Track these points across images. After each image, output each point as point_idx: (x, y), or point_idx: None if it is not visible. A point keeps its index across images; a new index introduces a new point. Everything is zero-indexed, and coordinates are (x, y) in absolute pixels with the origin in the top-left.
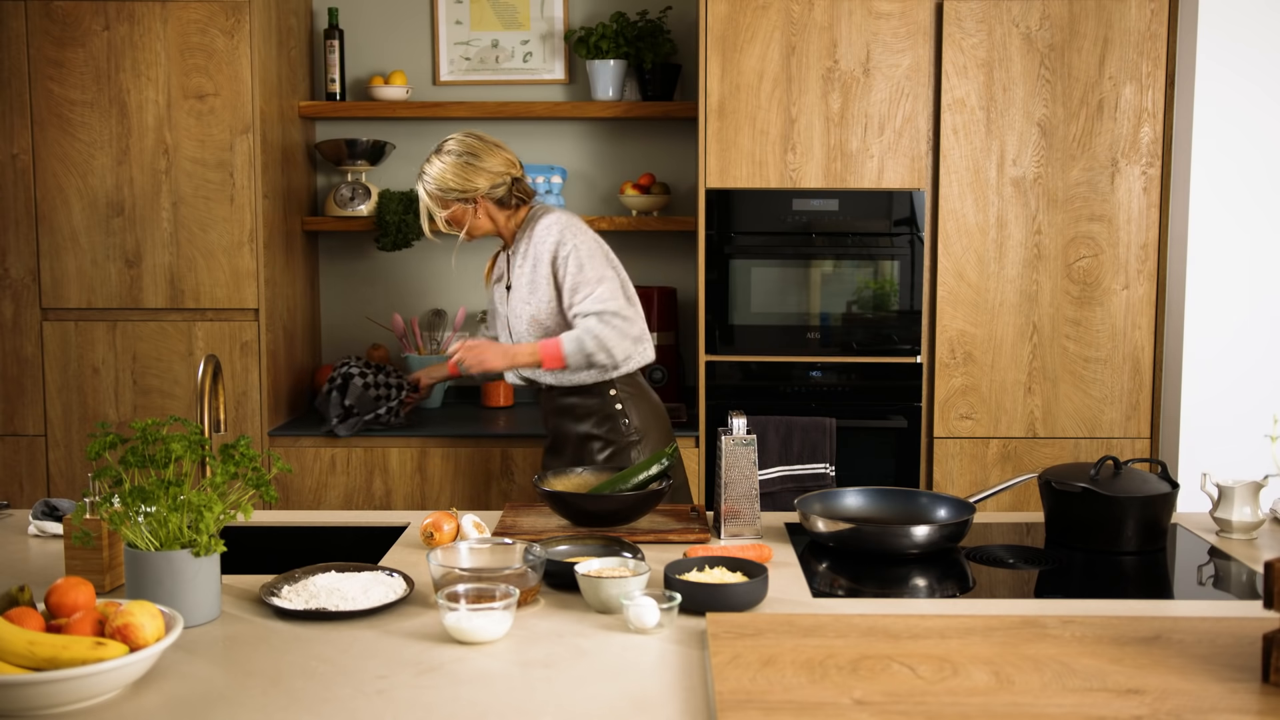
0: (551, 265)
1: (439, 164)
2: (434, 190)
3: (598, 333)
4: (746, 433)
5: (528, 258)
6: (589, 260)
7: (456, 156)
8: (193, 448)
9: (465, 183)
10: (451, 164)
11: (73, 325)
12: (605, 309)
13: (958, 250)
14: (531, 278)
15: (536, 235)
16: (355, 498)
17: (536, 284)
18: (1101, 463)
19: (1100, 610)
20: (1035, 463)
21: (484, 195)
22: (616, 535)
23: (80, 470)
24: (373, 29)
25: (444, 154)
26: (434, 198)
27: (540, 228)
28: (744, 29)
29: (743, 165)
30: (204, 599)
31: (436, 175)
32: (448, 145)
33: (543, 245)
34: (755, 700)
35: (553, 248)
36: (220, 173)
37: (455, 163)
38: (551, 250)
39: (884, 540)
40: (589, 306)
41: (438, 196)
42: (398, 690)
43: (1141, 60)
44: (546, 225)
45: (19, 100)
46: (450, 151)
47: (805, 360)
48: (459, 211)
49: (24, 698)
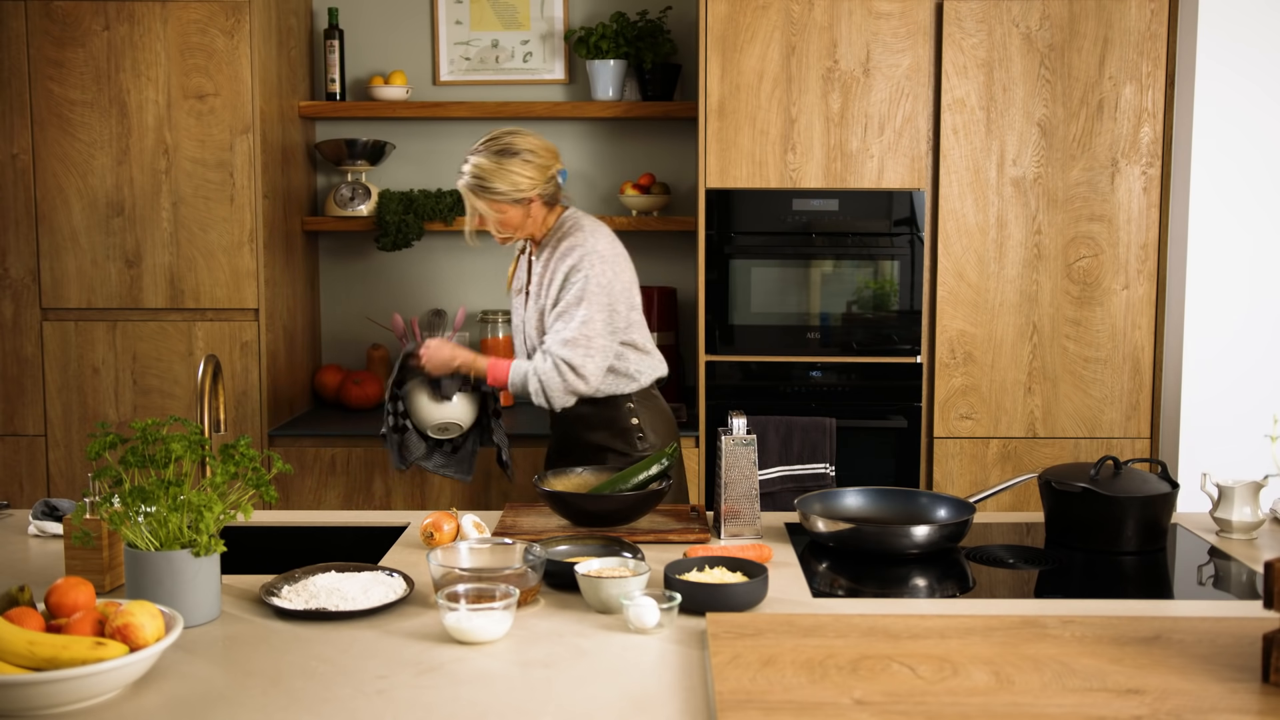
0: (559, 282)
1: (491, 163)
2: (487, 193)
3: (544, 377)
4: (746, 433)
5: (548, 268)
6: (589, 296)
7: (511, 155)
8: (193, 448)
9: (522, 181)
10: (506, 163)
11: (73, 325)
12: (566, 356)
13: (958, 250)
14: (546, 289)
15: (560, 250)
16: (355, 498)
17: (543, 298)
18: (1101, 463)
19: (1100, 610)
20: (1035, 463)
21: (537, 194)
22: (616, 535)
23: (80, 470)
24: (373, 29)
25: (495, 153)
26: (487, 200)
27: (565, 246)
28: (744, 29)
29: (743, 165)
30: (204, 599)
31: (490, 175)
32: (498, 145)
33: (561, 263)
34: (755, 700)
35: (567, 270)
36: (220, 173)
37: (511, 161)
38: (565, 271)
39: (884, 540)
40: (554, 344)
41: (492, 199)
42: (398, 690)
43: (1141, 60)
44: (570, 246)
45: (19, 100)
46: (506, 151)
47: (805, 360)
48: (514, 214)
49: (24, 698)
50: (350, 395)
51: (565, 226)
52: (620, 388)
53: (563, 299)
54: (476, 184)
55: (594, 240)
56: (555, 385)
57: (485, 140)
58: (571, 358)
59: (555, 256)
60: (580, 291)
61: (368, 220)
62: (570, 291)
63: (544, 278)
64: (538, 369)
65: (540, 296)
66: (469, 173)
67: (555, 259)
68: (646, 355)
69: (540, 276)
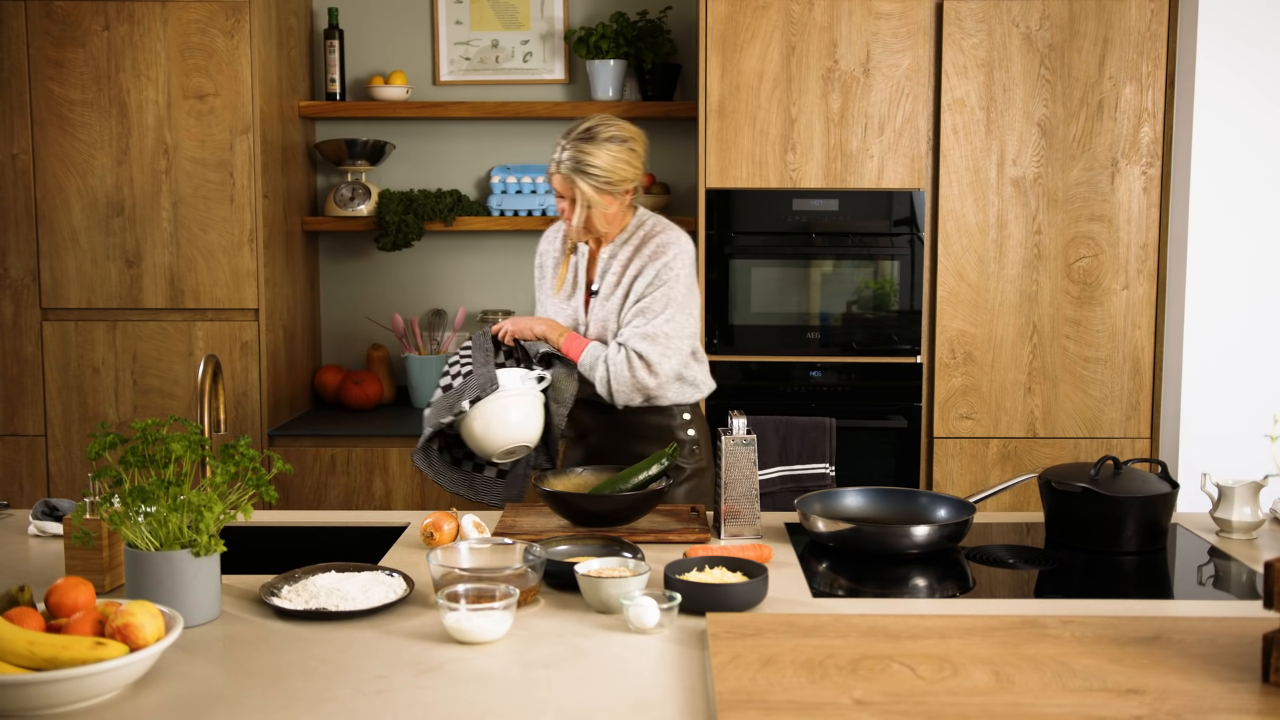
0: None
1: (607, 152)
2: (602, 182)
3: (614, 368)
4: (746, 433)
5: (628, 267)
6: (680, 298)
7: (621, 143)
8: (193, 448)
9: (630, 172)
10: (618, 151)
11: (73, 325)
12: (642, 350)
13: (958, 250)
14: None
15: (650, 248)
16: (355, 498)
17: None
18: (1101, 463)
19: (1100, 610)
20: (1035, 463)
21: (635, 187)
22: (616, 535)
23: (80, 470)
24: (373, 29)
25: (609, 140)
26: (603, 194)
27: (657, 244)
28: (744, 29)
29: (743, 165)
30: (204, 599)
31: (608, 165)
32: (609, 131)
33: (652, 262)
34: (755, 700)
35: (659, 268)
36: (220, 173)
37: (623, 149)
38: (658, 269)
39: (884, 540)
40: (631, 337)
41: (605, 188)
42: (397, 690)
43: (1141, 60)
44: (662, 244)
45: (19, 100)
46: (617, 139)
47: (805, 360)
48: (615, 209)
49: (24, 698)
50: (350, 395)
51: (649, 224)
52: (685, 396)
53: (649, 295)
54: (598, 177)
55: (685, 242)
56: (624, 378)
57: (588, 127)
58: (648, 352)
59: (641, 254)
60: (670, 291)
61: (368, 220)
62: (659, 289)
63: (622, 276)
64: (609, 358)
65: (613, 296)
66: (589, 165)
67: (641, 257)
68: (703, 366)
69: (618, 275)
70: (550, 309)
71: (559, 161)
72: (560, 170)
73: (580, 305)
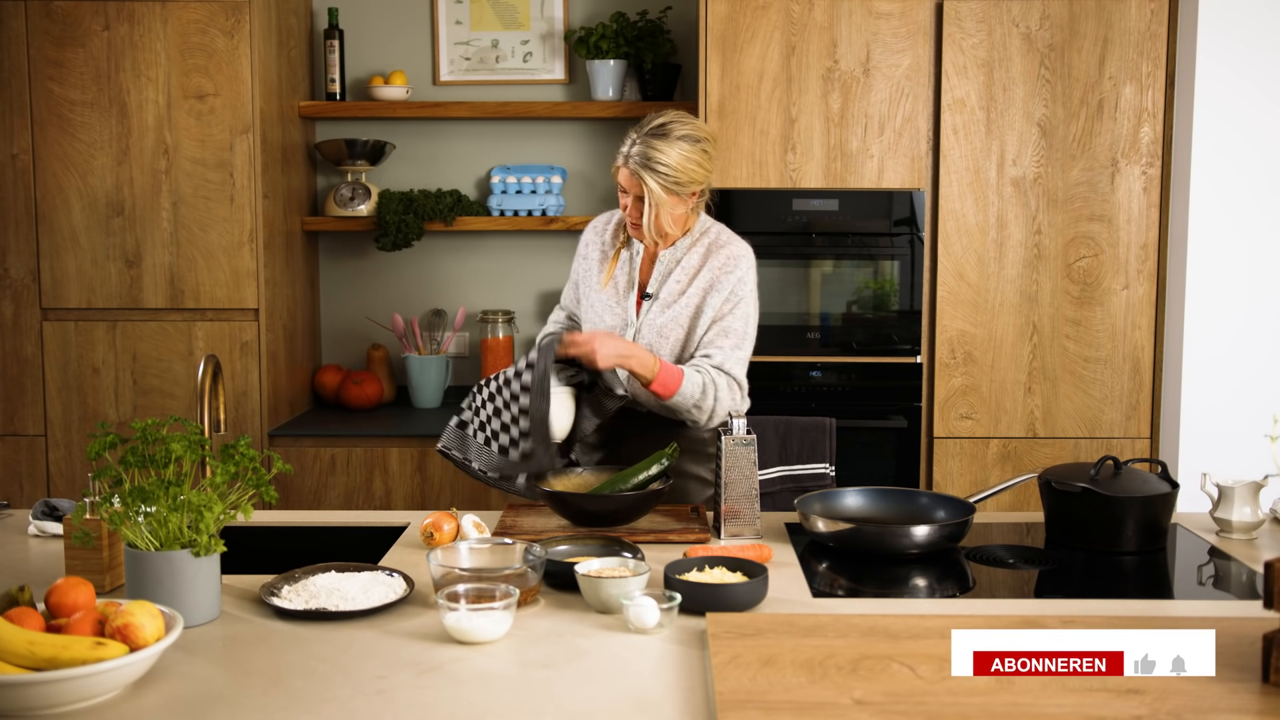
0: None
1: (679, 151)
2: (670, 181)
3: (720, 394)
4: (746, 433)
5: (698, 275)
6: (751, 316)
7: (694, 143)
8: (193, 448)
9: (703, 174)
10: (691, 151)
11: (73, 325)
12: (736, 374)
13: (958, 250)
14: (690, 294)
15: (721, 259)
16: (355, 498)
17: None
18: (1101, 463)
19: (1100, 610)
20: (1035, 463)
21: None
22: (616, 535)
23: (80, 470)
24: (373, 29)
25: (682, 139)
26: (668, 189)
27: (728, 256)
28: (744, 29)
29: (743, 165)
30: (204, 599)
31: (679, 165)
32: (684, 130)
33: (726, 275)
34: (755, 700)
35: (734, 282)
36: (220, 173)
37: (695, 150)
38: (733, 284)
39: (884, 540)
40: (729, 363)
41: (673, 188)
42: (397, 690)
43: (1141, 60)
44: (734, 256)
45: (19, 100)
46: (690, 138)
47: (805, 360)
48: (682, 210)
49: (24, 698)
50: (350, 395)
51: (714, 232)
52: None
53: (729, 314)
54: (666, 175)
55: (751, 254)
56: (727, 404)
57: (662, 123)
58: (739, 375)
59: (711, 265)
60: (747, 309)
61: (368, 220)
62: (738, 307)
63: (689, 286)
64: (719, 387)
65: (677, 303)
66: (658, 162)
67: (711, 268)
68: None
69: (683, 284)
70: (596, 305)
71: (627, 155)
72: (629, 164)
73: (631, 307)
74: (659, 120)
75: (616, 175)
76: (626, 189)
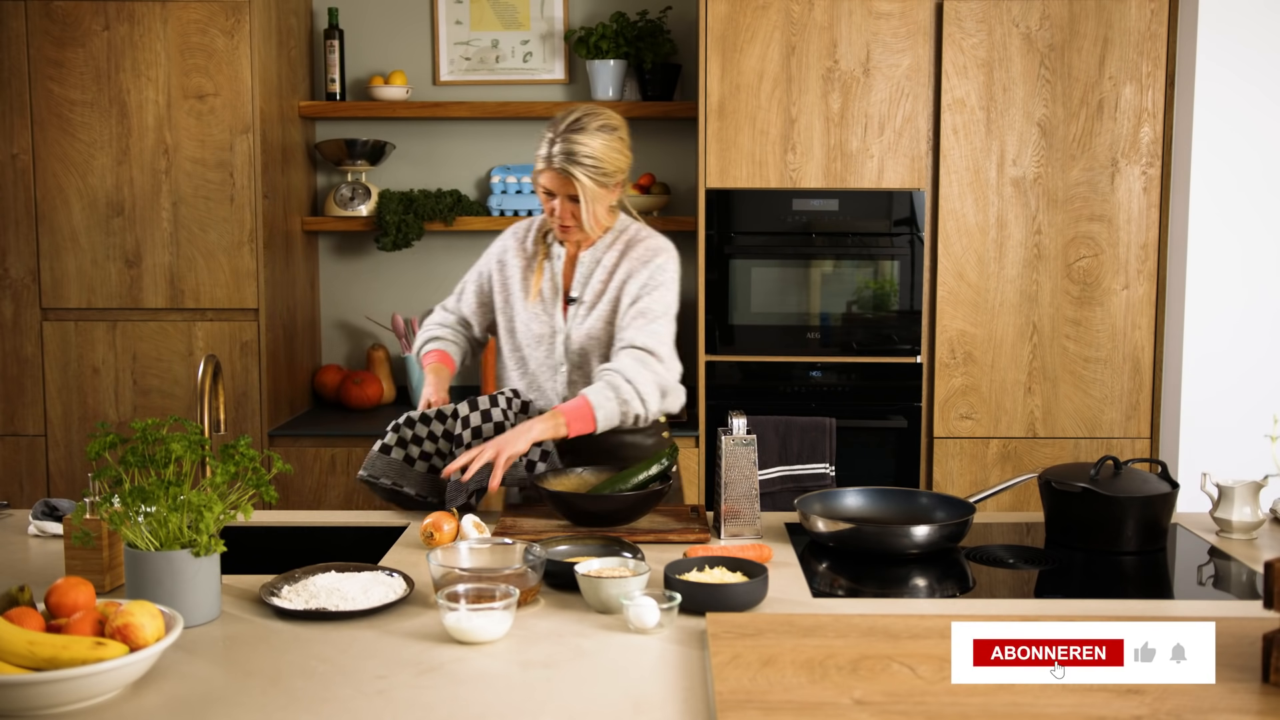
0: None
1: (600, 141)
2: (598, 173)
3: (637, 381)
4: (746, 433)
5: (616, 271)
6: (671, 303)
7: (611, 131)
8: (193, 448)
9: (625, 161)
10: (610, 139)
11: (73, 325)
12: (649, 346)
13: (958, 250)
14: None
15: (637, 253)
16: (355, 498)
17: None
18: (1101, 463)
19: (1100, 610)
20: (1035, 463)
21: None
22: (616, 535)
23: (80, 470)
24: (373, 29)
25: (600, 130)
26: (596, 181)
27: (647, 249)
28: (744, 29)
29: (743, 165)
30: (204, 599)
31: (603, 155)
32: (599, 121)
33: (643, 264)
34: (755, 700)
35: (652, 270)
36: (220, 173)
37: (613, 138)
38: (650, 272)
39: (884, 540)
40: (639, 338)
41: (601, 179)
42: (398, 690)
43: (1141, 60)
44: (654, 249)
45: (19, 100)
46: (607, 127)
47: (805, 360)
48: (605, 203)
49: (24, 698)
50: (350, 395)
51: (633, 229)
52: (669, 406)
53: (645, 297)
54: (593, 167)
55: (674, 249)
56: (645, 380)
57: (576, 118)
58: (652, 345)
59: (630, 259)
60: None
61: (368, 220)
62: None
63: (609, 283)
64: (621, 371)
65: (599, 304)
66: (584, 155)
67: (630, 261)
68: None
69: (604, 282)
70: (523, 316)
71: (549, 156)
72: (553, 164)
73: (559, 314)
74: (572, 116)
75: (539, 180)
76: (554, 191)
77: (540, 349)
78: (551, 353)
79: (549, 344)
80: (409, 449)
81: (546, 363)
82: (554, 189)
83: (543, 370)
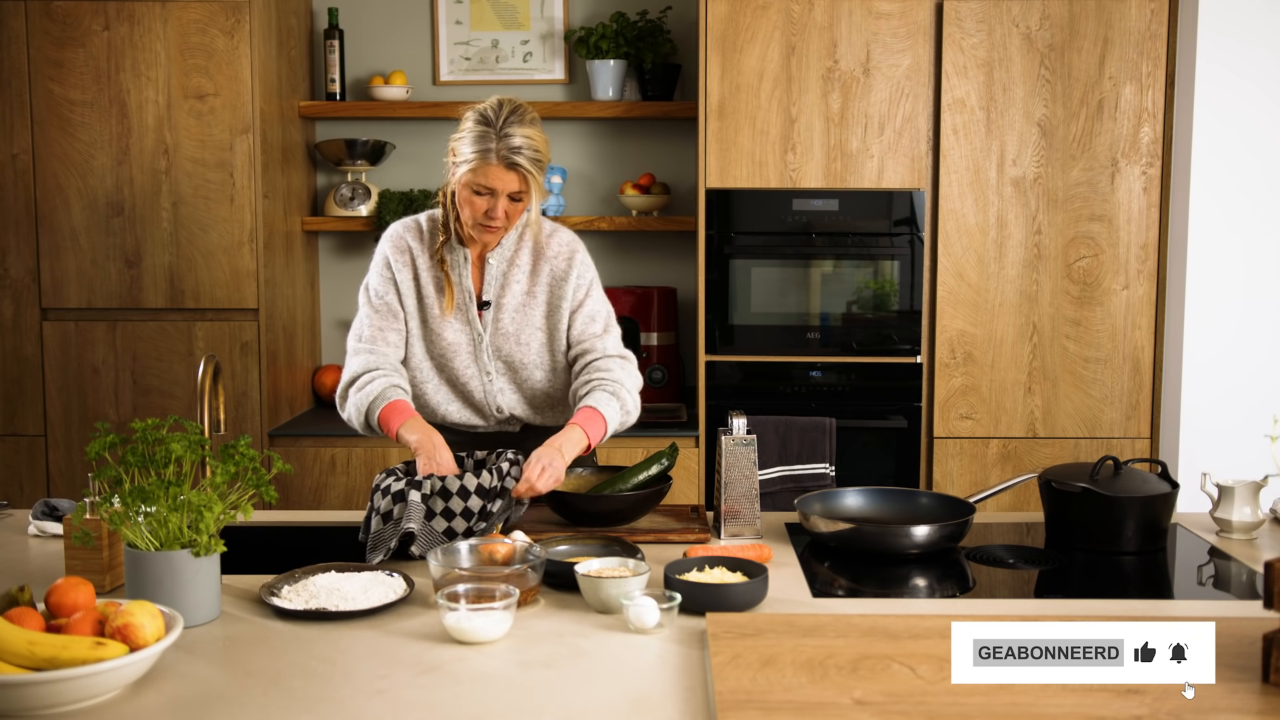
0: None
1: (536, 131)
2: (541, 167)
3: (629, 384)
4: (746, 433)
5: (537, 272)
6: (604, 295)
7: (539, 122)
8: (193, 448)
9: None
10: (541, 130)
11: (73, 325)
12: (623, 353)
13: (958, 250)
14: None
15: (554, 250)
16: (355, 498)
17: (550, 303)
18: (1101, 463)
19: (1100, 610)
20: (1035, 463)
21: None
22: (616, 535)
23: (80, 470)
24: (373, 29)
25: (533, 122)
26: (541, 177)
27: (561, 244)
28: (744, 29)
29: (743, 165)
30: (204, 599)
31: (544, 147)
32: (530, 112)
33: (569, 264)
34: (755, 700)
35: (579, 267)
36: (220, 173)
37: (541, 128)
38: (577, 270)
39: (884, 540)
40: (610, 347)
41: (540, 175)
42: (397, 690)
43: (1141, 60)
44: (567, 243)
45: (19, 100)
46: (536, 119)
47: (805, 360)
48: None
49: (24, 698)
50: None
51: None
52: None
53: (588, 299)
54: (538, 160)
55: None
56: (632, 388)
57: (516, 108)
58: (623, 350)
59: (548, 258)
60: (597, 289)
61: (368, 220)
62: (591, 289)
63: (534, 285)
64: (622, 384)
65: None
66: (529, 148)
67: (549, 260)
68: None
69: (526, 285)
70: (438, 327)
71: (496, 150)
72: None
73: (474, 319)
74: (511, 107)
75: (477, 176)
76: (496, 188)
77: (460, 358)
78: (475, 360)
79: (470, 352)
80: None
81: (470, 371)
82: (496, 186)
83: (471, 380)
